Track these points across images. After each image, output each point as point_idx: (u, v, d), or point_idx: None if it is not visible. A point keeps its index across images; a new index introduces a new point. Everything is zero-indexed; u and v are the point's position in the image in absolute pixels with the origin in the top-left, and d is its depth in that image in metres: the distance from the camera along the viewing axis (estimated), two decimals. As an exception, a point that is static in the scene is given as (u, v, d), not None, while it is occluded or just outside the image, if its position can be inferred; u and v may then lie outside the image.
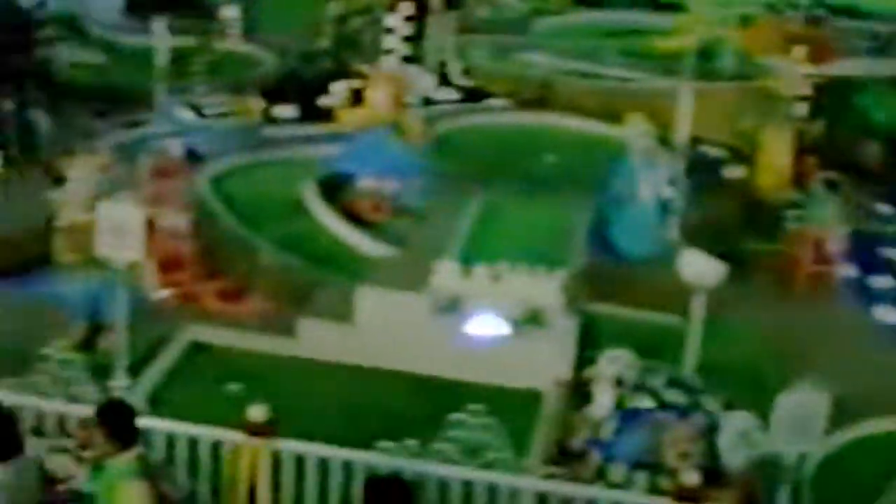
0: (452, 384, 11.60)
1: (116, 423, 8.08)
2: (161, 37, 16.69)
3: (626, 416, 10.60)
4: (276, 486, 9.38)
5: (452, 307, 12.14)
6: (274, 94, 18.57)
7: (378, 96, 17.12)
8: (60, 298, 11.99)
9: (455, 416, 9.42)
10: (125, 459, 8.03)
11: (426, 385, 11.66)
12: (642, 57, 20.89)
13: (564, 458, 10.33)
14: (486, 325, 11.87)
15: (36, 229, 13.08)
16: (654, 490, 9.87)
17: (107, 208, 10.73)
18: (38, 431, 9.63)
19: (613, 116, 17.79)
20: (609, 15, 24.36)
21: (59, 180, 12.31)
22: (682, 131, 14.64)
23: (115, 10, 23.16)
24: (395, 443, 9.32)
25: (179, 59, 17.59)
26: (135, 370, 11.14)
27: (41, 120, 17.66)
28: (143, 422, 8.76)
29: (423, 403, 11.19)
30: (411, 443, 9.31)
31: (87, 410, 9.52)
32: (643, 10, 24.24)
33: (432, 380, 11.73)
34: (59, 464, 9.33)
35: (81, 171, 12.06)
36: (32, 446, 8.73)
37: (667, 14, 22.72)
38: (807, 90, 17.18)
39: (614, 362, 10.82)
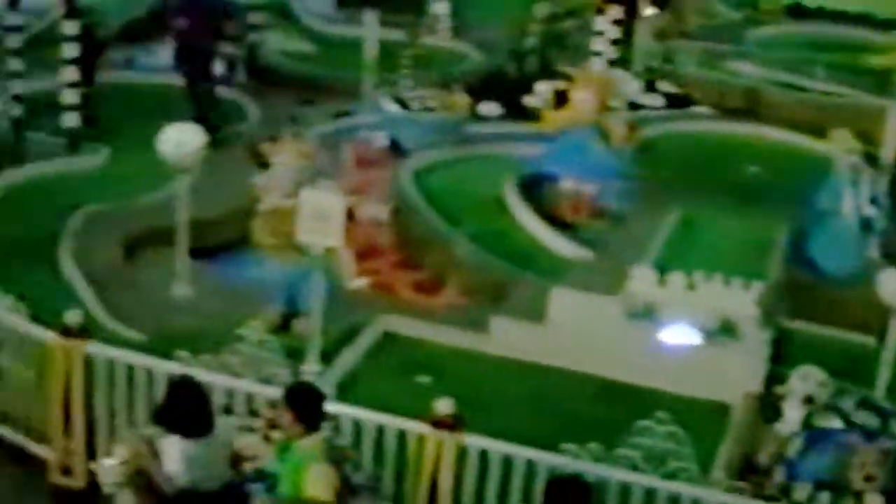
0: (640, 391, 11.46)
1: (304, 406, 8.18)
2: (371, 29, 16.83)
3: (814, 435, 10.32)
4: (458, 479, 9.38)
5: (646, 313, 11.97)
6: (479, 90, 18.59)
7: (583, 98, 16.96)
8: (258, 281, 12.15)
9: (641, 422, 9.30)
10: (311, 442, 8.13)
11: (614, 389, 11.53)
12: (852, 72, 20.42)
13: (749, 473, 10.10)
14: (678, 334, 11.68)
15: (238, 212, 13.30)
16: (836, 511, 9.65)
17: (309, 195, 10.85)
18: (228, 410, 9.78)
19: (819, 130, 17.43)
20: (821, 28, 23.88)
21: (263, 165, 12.47)
22: (889, 150, 14.24)
23: (326, 1, 23.53)
24: (579, 445, 9.24)
25: (387, 52, 17.71)
26: (327, 356, 11.24)
27: (247, 104, 18.05)
28: (331, 407, 8.86)
29: (609, 408, 11.06)
30: (595, 446, 9.22)
31: (278, 392, 9.71)
32: (856, 25, 23.71)
33: (620, 385, 11.59)
34: (247, 443, 9.45)
35: (286, 158, 12.20)
36: (221, 424, 8.87)
37: (880, 31, 22.18)
38: None
39: (806, 379, 10.54)
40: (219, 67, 18.24)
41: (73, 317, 10.32)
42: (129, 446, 8.47)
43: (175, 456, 8.37)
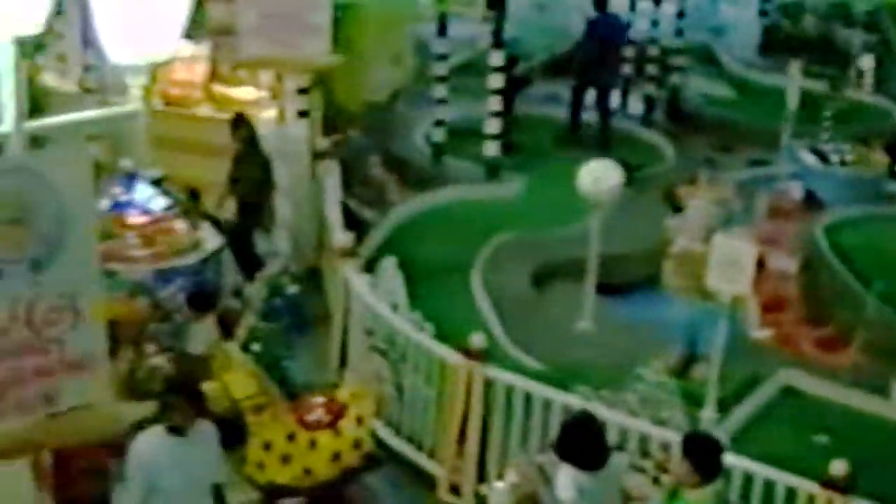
0: None
1: (703, 456, 7.94)
2: (794, 79, 16.40)
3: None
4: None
5: None
6: (896, 148, 17.79)
7: None
8: (662, 322, 12.01)
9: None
10: (703, 494, 7.88)
11: None
12: None
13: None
14: None
15: (648, 251, 13.20)
16: None
17: (722, 241, 10.61)
18: (620, 448, 9.66)
19: None
20: None
21: (677, 208, 12.34)
22: None
23: (750, 48, 23.16)
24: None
25: (808, 102, 17.23)
26: (724, 405, 10.95)
27: (664, 146, 17.90)
28: (726, 458, 8.59)
29: None
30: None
31: (671, 436, 9.53)
32: None
33: None
34: (636, 483, 9.31)
35: (701, 202, 12.03)
36: (615, 461, 8.74)
37: None
38: None
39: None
40: (636, 105, 18.31)
41: (477, 340, 10.45)
42: (520, 471, 8.46)
43: (567, 485, 8.29)
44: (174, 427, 7.85)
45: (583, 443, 8.37)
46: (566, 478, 8.28)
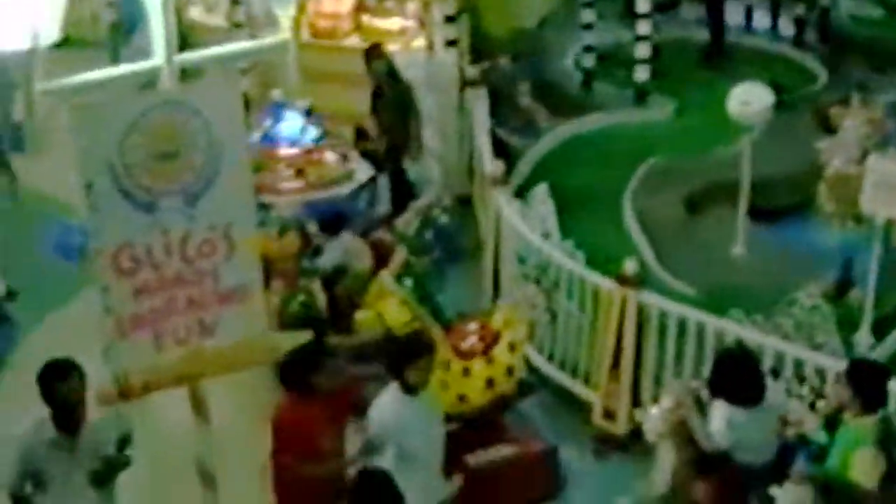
0: None
1: (868, 384, 7.68)
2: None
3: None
4: None
5: None
6: None
7: None
8: (816, 246, 11.71)
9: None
10: (866, 423, 7.63)
11: None
12: None
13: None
14: None
15: (800, 175, 12.83)
16: None
17: (877, 163, 10.29)
18: (775, 373, 9.46)
19: None
20: None
21: (829, 129, 11.97)
22: None
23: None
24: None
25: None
26: (879, 329, 10.64)
27: (816, 67, 17.40)
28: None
29: None
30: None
31: (826, 361, 9.32)
32: None
33: None
34: (792, 408, 9.12)
35: (854, 124, 11.64)
36: (772, 393, 8.53)
37: None
38: None
39: None
40: (787, 26, 17.83)
41: (630, 266, 10.31)
42: (675, 397, 8.30)
43: (719, 419, 8.14)
44: (409, 386, 7.86)
45: (736, 378, 8.22)
46: (719, 412, 8.14)
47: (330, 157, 13.01)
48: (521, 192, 12.48)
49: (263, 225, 10.17)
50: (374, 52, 13.69)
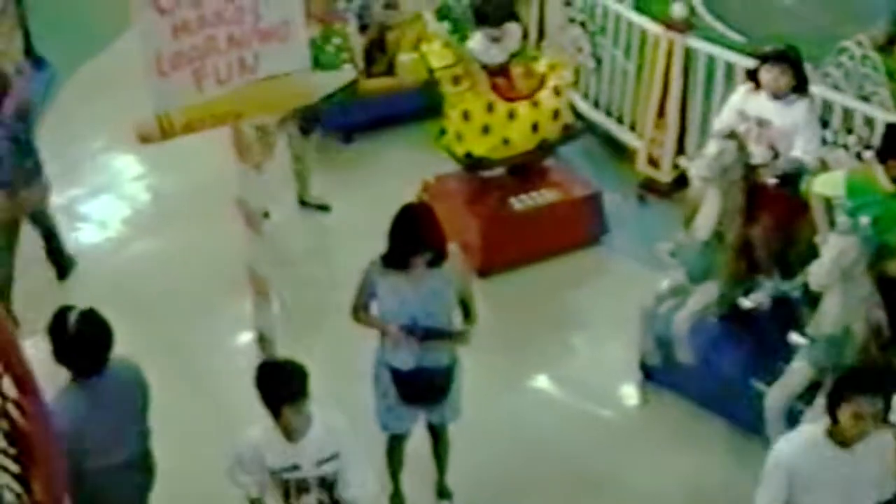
0: None
1: None
2: None
3: None
4: None
5: None
6: None
7: None
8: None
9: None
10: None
11: None
12: None
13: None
14: None
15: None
16: None
17: None
18: (825, 124, 9.07)
19: None
20: None
21: None
22: None
23: None
24: None
25: None
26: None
27: None
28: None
29: None
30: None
31: (874, 111, 9.00)
32: None
33: None
34: (836, 157, 8.78)
35: None
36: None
37: None
38: None
39: None
40: None
41: (678, 9, 9.89)
42: (719, 142, 7.91)
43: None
44: (841, 441, 5.90)
45: None
46: None
47: None
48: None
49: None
50: None
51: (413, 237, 6.69)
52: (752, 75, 8.41)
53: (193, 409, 8.15)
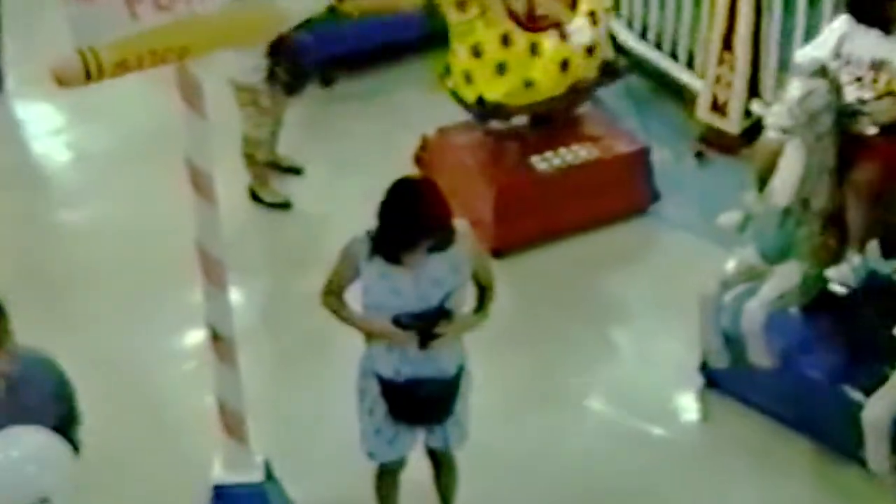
0: None
1: None
2: None
3: None
4: None
5: None
6: None
7: None
8: None
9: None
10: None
11: None
12: None
13: None
14: None
15: None
16: None
17: None
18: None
19: None
20: None
21: None
22: None
23: None
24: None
25: None
26: None
27: None
28: None
29: None
30: None
31: None
32: None
33: None
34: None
35: None
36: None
37: None
38: None
39: None
40: None
41: None
42: (805, 82, 7.93)
43: None
44: None
45: None
46: None
47: None
48: None
49: None
50: None
51: (409, 228, 6.32)
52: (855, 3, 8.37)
53: (126, 430, 8.12)
